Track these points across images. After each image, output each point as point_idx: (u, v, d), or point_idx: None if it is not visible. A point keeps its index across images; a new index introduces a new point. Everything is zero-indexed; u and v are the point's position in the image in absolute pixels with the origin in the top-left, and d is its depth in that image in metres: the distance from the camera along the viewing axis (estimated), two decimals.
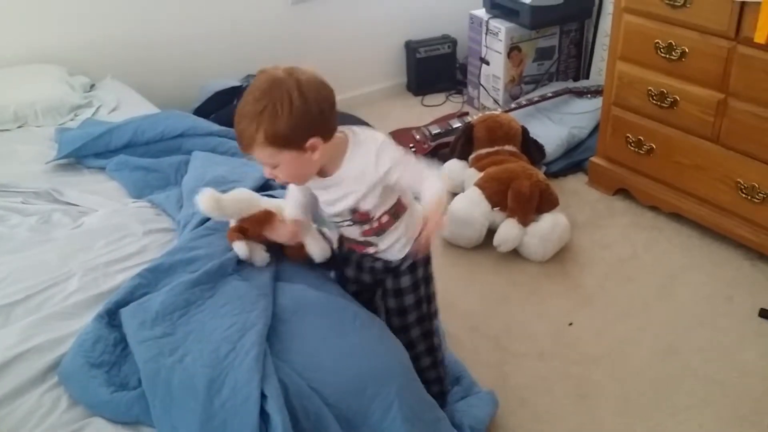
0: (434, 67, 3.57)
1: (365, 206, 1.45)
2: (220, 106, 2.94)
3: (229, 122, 2.49)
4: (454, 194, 2.54)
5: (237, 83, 3.08)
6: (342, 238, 1.63)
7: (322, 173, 1.43)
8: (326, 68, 3.65)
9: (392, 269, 1.58)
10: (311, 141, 1.32)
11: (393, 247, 1.55)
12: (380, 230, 1.51)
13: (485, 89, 3.38)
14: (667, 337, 2.04)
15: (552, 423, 1.79)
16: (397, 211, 1.50)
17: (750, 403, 1.82)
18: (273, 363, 1.35)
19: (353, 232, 1.53)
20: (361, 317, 1.53)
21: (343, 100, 3.42)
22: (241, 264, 1.60)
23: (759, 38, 2.00)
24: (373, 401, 1.38)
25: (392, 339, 1.53)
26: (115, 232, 1.79)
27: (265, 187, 1.96)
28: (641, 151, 2.52)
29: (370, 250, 1.56)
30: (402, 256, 1.56)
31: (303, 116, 1.30)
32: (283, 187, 1.74)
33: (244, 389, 1.27)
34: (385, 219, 1.49)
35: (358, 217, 1.47)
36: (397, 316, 1.62)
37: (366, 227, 1.50)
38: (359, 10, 3.39)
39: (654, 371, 1.93)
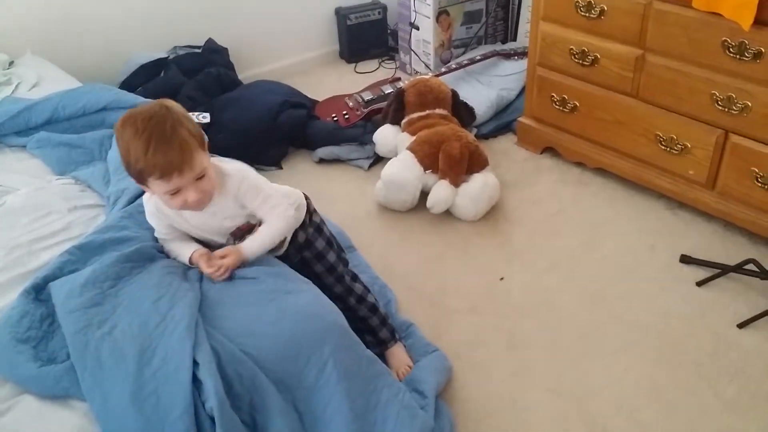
0: (365, 34, 3.56)
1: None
2: (146, 79, 2.89)
3: (156, 95, 2.46)
4: (388, 159, 2.57)
5: (163, 55, 3.02)
6: None
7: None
8: (256, 38, 3.67)
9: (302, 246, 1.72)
10: (205, 141, 1.45)
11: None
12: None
13: (416, 54, 3.40)
14: (593, 287, 2.13)
15: (486, 373, 1.85)
16: None
17: (672, 345, 1.92)
18: (205, 331, 1.37)
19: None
20: (293, 282, 1.55)
21: (276, 69, 3.45)
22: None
23: None
24: (307, 363, 1.41)
25: (325, 302, 1.55)
26: (38, 209, 1.76)
27: None
28: (565, 110, 2.59)
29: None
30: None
31: (192, 119, 1.45)
32: None
33: (175, 357, 1.28)
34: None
35: (238, 232, 1.61)
36: (329, 274, 1.77)
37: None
38: None
39: (581, 319, 2.02)
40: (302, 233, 1.72)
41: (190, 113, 2.60)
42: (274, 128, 2.74)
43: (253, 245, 1.56)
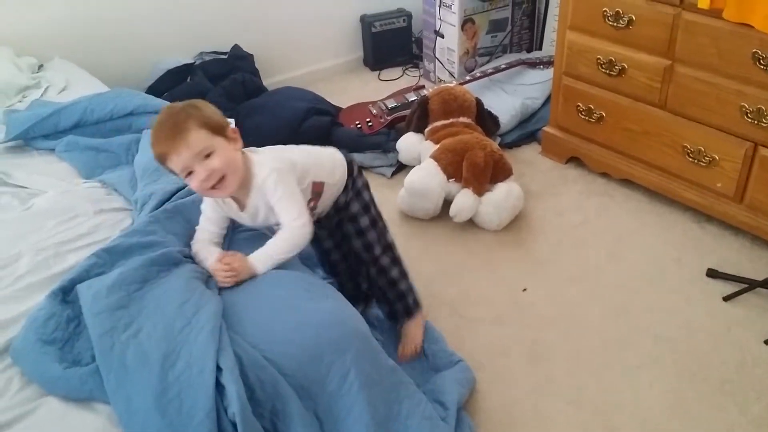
0: (390, 41, 3.57)
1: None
2: (172, 84, 2.91)
3: (181, 100, 2.48)
4: (411, 167, 2.56)
5: (190, 61, 3.05)
6: None
7: (239, 204, 1.58)
8: (282, 44, 3.69)
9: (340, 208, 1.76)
10: (231, 128, 1.53)
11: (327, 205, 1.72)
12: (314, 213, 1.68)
13: (440, 62, 3.39)
14: (617, 299, 2.10)
15: (508, 384, 1.84)
16: (317, 192, 1.67)
17: (697, 360, 1.89)
18: (228, 336, 1.37)
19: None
20: (315, 287, 1.55)
21: (301, 76, 3.47)
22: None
23: (702, 4, 2.04)
24: (330, 370, 1.40)
25: (348, 308, 1.55)
26: (65, 212, 1.78)
27: None
28: (592, 120, 2.57)
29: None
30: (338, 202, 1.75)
31: (216, 112, 1.52)
32: None
33: (199, 362, 1.28)
34: (311, 204, 1.67)
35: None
36: (358, 237, 1.78)
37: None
38: None
39: (605, 332, 1.99)
40: (342, 196, 1.74)
41: None
42: (299, 135, 2.74)
43: (259, 257, 1.54)
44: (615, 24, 2.35)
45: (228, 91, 2.86)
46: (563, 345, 1.95)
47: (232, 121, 2.69)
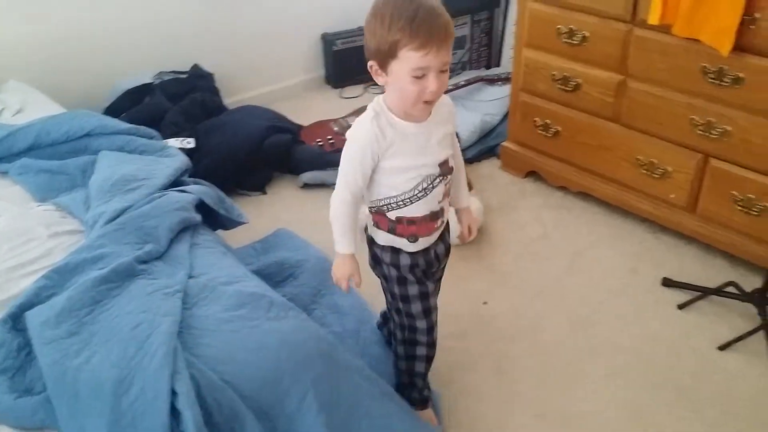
0: (352, 59, 3.59)
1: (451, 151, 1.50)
2: (131, 104, 2.89)
3: (141, 120, 2.46)
4: None
5: (149, 80, 3.02)
6: (413, 232, 1.52)
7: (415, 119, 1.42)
8: (243, 63, 3.66)
9: (447, 248, 1.65)
10: None
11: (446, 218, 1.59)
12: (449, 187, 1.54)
13: None
14: (578, 311, 2.13)
15: (475, 399, 1.85)
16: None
17: (656, 368, 1.93)
18: (185, 359, 1.35)
19: (439, 193, 1.48)
20: (277, 307, 1.55)
21: (262, 95, 3.45)
22: (149, 263, 1.59)
23: (653, 20, 2.09)
24: (289, 391, 1.40)
25: (310, 328, 1.55)
26: (18, 236, 1.75)
27: (176, 183, 1.95)
28: (549, 135, 2.62)
29: (438, 223, 1.55)
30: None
31: None
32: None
33: (153, 387, 1.27)
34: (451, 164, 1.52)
35: (446, 168, 1.48)
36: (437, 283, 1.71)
37: (448, 182, 1.50)
38: (274, 5, 3.37)
39: (567, 344, 2.02)
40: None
41: (174, 138, 2.63)
42: (259, 153, 2.74)
43: (466, 198, 1.66)
44: (569, 41, 2.40)
45: (187, 110, 2.85)
46: (527, 358, 1.97)
47: (192, 140, 2.71)
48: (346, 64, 3.58)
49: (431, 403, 1.79)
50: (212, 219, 2.00)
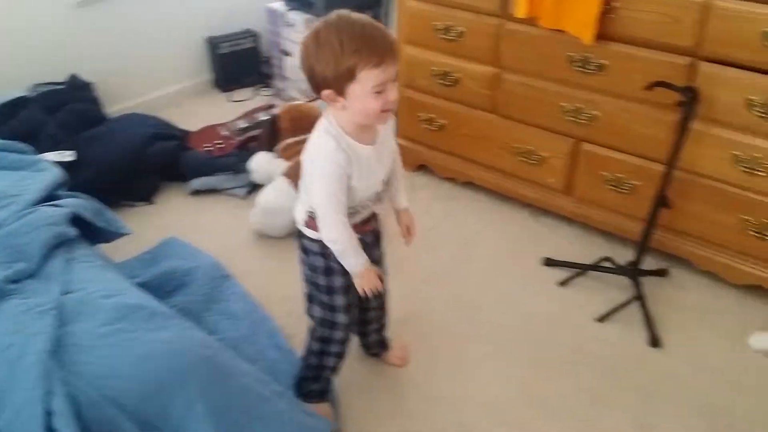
0: (239, 62, 3.56)
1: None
2: (5, 118, 2.75)
3: (16, 135, 2.35)
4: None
5: (22, 93, 2.89)
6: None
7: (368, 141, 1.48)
8: (125, 71, 3.55)
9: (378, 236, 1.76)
10: None
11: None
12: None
13: (291, 81, 3.42)
14: (465, 295, 2.21)
15: (365, 388, 1.89)
16: None
17: (539, 344, 2.03)
18: (62, 377, 1.32)
19: (374, 202, 1.62)
20: (158, 316, 1.53)
21: (147, 102, 3.37)
22: (20, 282, 1.53)
23: (520, 13, 2.19)
24: (173, 401, 1.38)
25: (193, 336, 1.54)
26: None
27: (49, 198, 1.88)
28: (434, 128, 2.69)
29: (370, 225, 1.68)
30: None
31: None
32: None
33: (27, 409, 1.23)
34: None
35: (385, 184, 1.61)
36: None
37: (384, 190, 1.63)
38: (154, 8, 3.29)
39: (456, 327, 2.09)
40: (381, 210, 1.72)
41: (53, 152, 2.53)
42: (143, 162, 2.68)
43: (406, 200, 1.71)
44: (446, 37, 2.47)
45: (65, 122, 2.74)
46: (418, 345, 2.03)
47: (72, 153, 2.61)
48: (233, 67, 3.55)
49: (331, 397, 1.82)
50: (92, 232, 1.94)
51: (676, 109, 1.98)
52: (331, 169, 1.43)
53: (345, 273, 1.61)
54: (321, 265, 1.62)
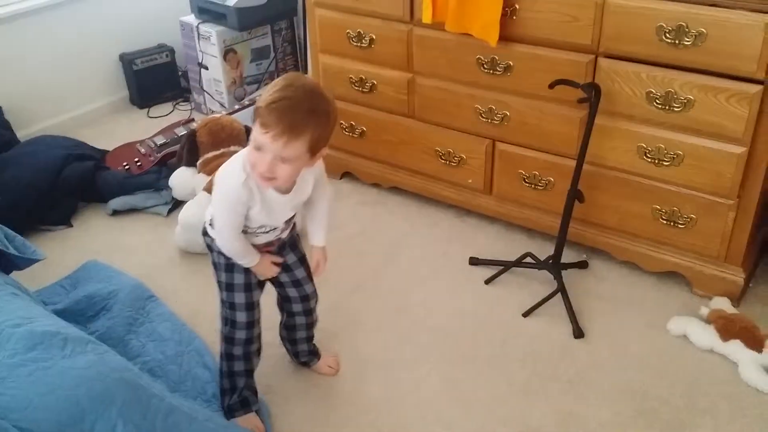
0: (155, 78, 3.49)
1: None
2: None
3: None
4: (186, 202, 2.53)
5: None
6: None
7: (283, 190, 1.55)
8: (35, 92, 3.46)
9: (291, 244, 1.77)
10: (324, 150, 1.49)
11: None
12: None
13: (209, 94, 3.38)
14: (394, 299, 2.23)
15: (296, 403, 1.88)
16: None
17: (466, 342, 2.06)
18: None
19: (279, 231, 1.67)
20: (73, 342, 1.49)
21: (61, 123, 3.29)
22: None
23: (426, 19, 2.23)
24: (94, 426, 1.35)
25: (110, 360, 1.50)
26: None
27: None
28: (355, 135, 2.71)
29: (275, 245, 1.72)
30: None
31: (333, 128, 1.48)
32: None
33: None
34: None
35: (290, 222, 1.69)
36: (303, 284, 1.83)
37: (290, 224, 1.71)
38: (64, 27, 3.20)
39: (383, 333, 2.10)
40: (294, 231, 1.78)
41: None
42: (58, 184, 2.60)
43: (323, 236, 1.76)
44: (359, 44, 2.50)
45: None
46: (348, 352, 2.03)
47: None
48: (150, 82, 3.48)
49: (256, 408, 1.80)
50: (4, 260, 1.87)
51: (581, 106, 2.06)
52: (231, 198, 1.52)
53: (247, 271, 1.66)
54: (222, 262, 1.67)
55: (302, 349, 1.94)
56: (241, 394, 1.77)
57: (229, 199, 1.53)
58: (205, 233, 1.69)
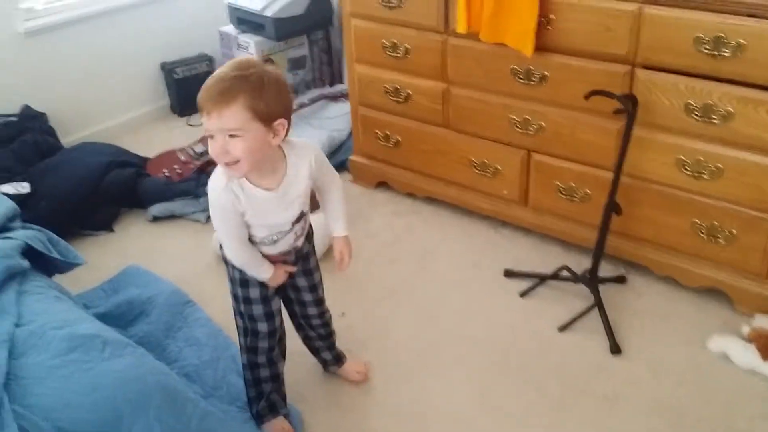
0: (195, 86, 3.49)
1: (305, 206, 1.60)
2: None
3: None
4: None
5: None
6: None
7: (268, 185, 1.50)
8: (79, 100, 3.55)
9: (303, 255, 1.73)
10: (280, 120, 1.41)
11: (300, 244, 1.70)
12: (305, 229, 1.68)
13: None
14: (426, 307, 2.23)
15: (332, 410, 1.89)
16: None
17: (500, 353, 2.05)
18: (12, 411, 1.30)
19: (289, 239, 1.62)
20: (111, 345, 1.52)
21: (103, 130, 3.36)
22: None
23: (460, 29, 2.24)
24: (132, 429, 1.37)
25: (148, 363, 1.53)
26: None
27: (1, 230, 1.86)
28: (390, 145, 2.72)
29: (290, 257, 1.68)
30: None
31: (282, 94, 1.42)
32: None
33: None
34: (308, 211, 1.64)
35: (298, 223, 1.61)
36: (310, 292, 1.79)
37: (300, 228, 1.63)
38: (107, 36, 3.29)
39: (415, 341, 2.10)
40: (306, 245, 1.73)
41: (6, 184, 2.50)
42: (101, 190, 2.66)
43: (344, 224, 1.70)
44: (394, 54, 2.51)
45: (18, 153, 2.72)
46: (380, 360, 2.04)
47: (27, 185, 2.58)
48: (190, 91, 3.51)
49: (285, 412, 1.82)
50: (47, 264, 1.92)
51: (618, 117, 2.03)
52: (218, 205, 1.50)
53: (262, 284, 1.66)
54: (237, 277, 1.67)
55: (326, 354, 1.95)
56: (268, 399, 1.79)
57: (216, 206, 1.50)
58: (221, 246, 1.67)
